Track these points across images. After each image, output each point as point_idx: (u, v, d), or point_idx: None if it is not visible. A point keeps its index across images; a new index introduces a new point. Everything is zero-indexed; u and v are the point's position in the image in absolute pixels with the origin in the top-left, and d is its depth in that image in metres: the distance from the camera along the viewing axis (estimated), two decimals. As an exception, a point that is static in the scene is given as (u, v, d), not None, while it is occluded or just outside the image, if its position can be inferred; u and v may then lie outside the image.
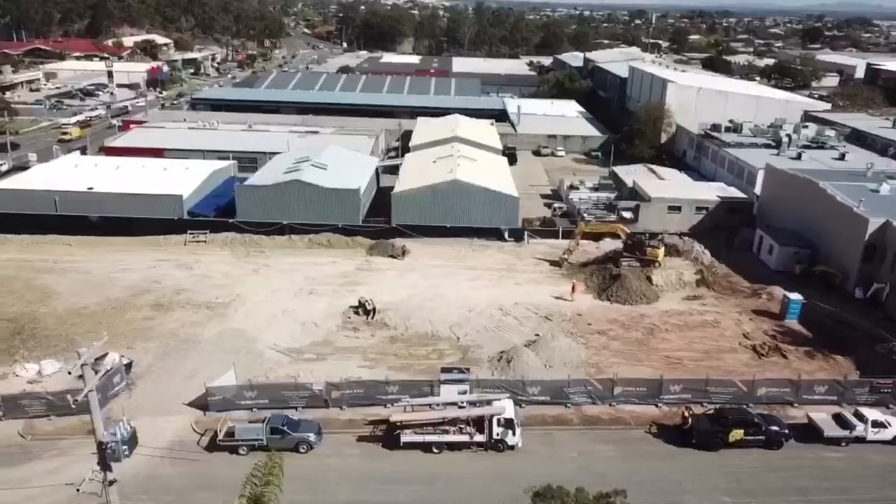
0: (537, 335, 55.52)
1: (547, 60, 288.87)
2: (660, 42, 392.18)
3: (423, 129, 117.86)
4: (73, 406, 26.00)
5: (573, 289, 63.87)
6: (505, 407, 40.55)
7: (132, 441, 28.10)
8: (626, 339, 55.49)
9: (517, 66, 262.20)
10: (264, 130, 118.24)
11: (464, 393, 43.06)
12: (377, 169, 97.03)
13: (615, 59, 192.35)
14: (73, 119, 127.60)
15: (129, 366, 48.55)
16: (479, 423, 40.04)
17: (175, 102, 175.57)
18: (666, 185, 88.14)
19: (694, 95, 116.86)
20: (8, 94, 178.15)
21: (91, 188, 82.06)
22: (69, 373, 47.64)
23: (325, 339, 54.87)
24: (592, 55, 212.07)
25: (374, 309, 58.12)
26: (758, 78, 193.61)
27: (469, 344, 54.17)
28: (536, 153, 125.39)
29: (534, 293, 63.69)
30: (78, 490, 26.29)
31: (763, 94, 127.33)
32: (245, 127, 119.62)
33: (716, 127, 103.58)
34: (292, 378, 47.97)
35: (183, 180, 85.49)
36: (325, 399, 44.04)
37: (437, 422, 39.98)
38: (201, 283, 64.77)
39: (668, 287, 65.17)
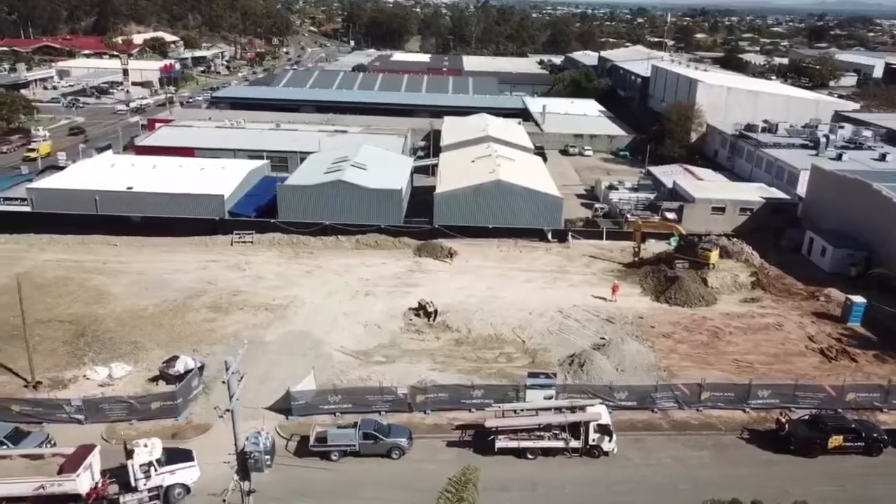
0: (602, 338, 55.24)
1: (556, 59, 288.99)
2: (666, 41, 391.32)
3: (453, 128, 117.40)
4: (221, 416, 25.39)
5: (614, 289, 63.56)
6: (601, 413, 40.21)
7: (273, 450, 27.67)
8: (692, 343, 55.18)
9: (528, 65, 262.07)
10: (292, 129, 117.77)
11: (549, 398, 42.71)
12: (412, 169, 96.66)
13: (632, 58, 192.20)
14: (43, 133, 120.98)
15: (201, 369, 48.13)
16: (574, 429, 39.68)
17: (191, 100, 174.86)
18: (707, 185, 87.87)
19: (724, 95, 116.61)
20: (23, 91, 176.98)
21: (131, 188, 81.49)
22: (160, 378, 47.26)
23: (391, 341, 54.45)
24: (607, 54, 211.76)
25: (435, 311, 57.79)
26: (773, 77, 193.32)
27: (535, 347, 53.81)
28: (564, 152, 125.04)
29: (590, 295, 63.31)
30: (224, 501, 25.86)
31: (793, 94, 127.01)
32: (273, 126, 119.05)
33: (750, 127, 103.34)
34: (365, 381, 47.65)
35: (222, 180, 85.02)
36: (408, 403, 43.63)
37: (533, 427, 39.58)
38: (255, 284, 64.30)
39: (723, 289, 64.90)
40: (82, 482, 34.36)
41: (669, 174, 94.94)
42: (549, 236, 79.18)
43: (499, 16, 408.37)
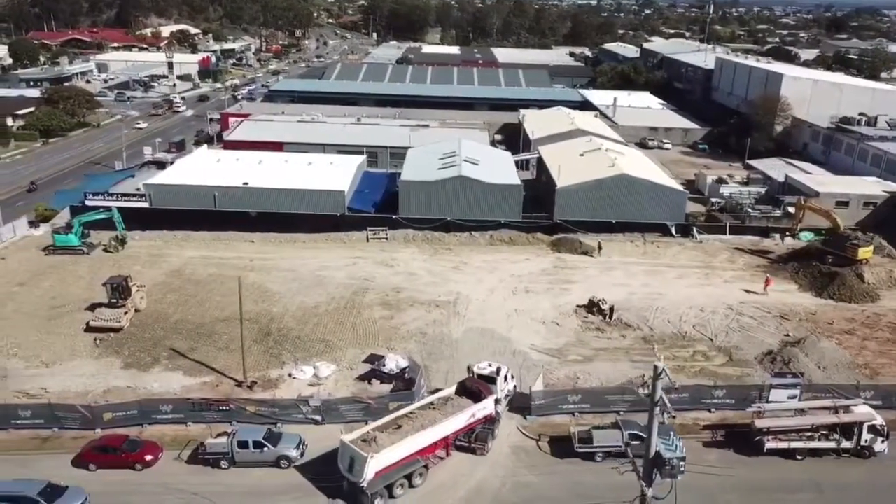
0: (787, 335, 54.83)
1: (578, 50, 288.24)
2: (684, 32, 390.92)
3: (536, 121, 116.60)
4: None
5: (766, 283, 63.21)
6: (873, 413, 39.80)
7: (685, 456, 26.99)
8: (878, 339, 54.77)
9: (557, 57, 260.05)
10: (374, 124, 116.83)
11: (794, 398, 42.28)
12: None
13: (680, 51, 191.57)
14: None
15: (406, 369, 47.54)
16: (846, 430, 39.27)
17: (239, 94, 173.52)
18: (824, 179, 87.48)
19: (809, 88, 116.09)
20: (66, 85, 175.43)
21: (246, 183, 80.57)
22: (371, 377, 46.70)
23: (577, 339, 53.95)
24: (652, 46, 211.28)
25: (611, 309, 57.26)
26: (820, 69, 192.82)
27: (726, 345, 53.34)
28: (641, 145, 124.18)
29: (741, 290, 63.03)
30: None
31: (877, 86, 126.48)
32: (353, 120, 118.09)
33: (847, 120, 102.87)
34: (574, 381, 47.26)
35: (336, 176, 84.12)
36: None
37: (804, 428, 39.16)
38: (412, 281, 63.70)
39: (879, 284, 64.51)
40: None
41: (773, 168, 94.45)
42: (674, 231, 78.63)
43: (515, 7, 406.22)
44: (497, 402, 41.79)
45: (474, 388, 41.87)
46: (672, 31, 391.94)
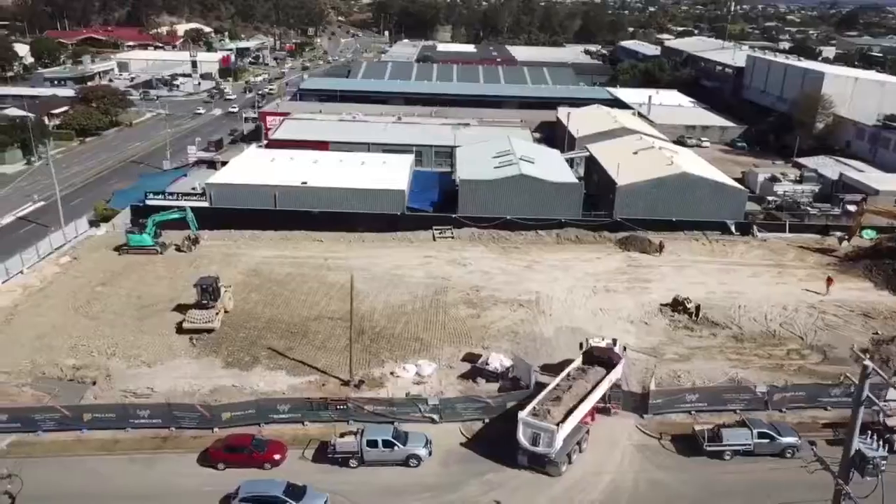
0: (876, 333, 54.97)
1: (593, 47, 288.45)
2: (692, 30, 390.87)
3: (576, 119, 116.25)
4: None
5: (829, 282, 63.27)
6: None
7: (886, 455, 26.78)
8: (977, 338, 54.80)
9: (573, 55, 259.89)
10: (415, 123, 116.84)
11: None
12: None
13: (705, 48, 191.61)
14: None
15: (510, 368, 47.64)
16: None
17: (270, 91, 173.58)
18: (878, 176, 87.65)
19: (851, 86, 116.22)
20: (99, 84, 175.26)
21: (305, 183, 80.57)
22: (476, 376, 46.76)
23: (669, 338, 54.05)
24: (675, 44, 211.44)
25: (697, 308, 57.35)
26: (842, 65, 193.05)
27: (818, 343, 53.43)
28: (680, 143, 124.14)
29: (803, 289, 63.18)
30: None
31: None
32: (394, 119, 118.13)
33: (894, 117, 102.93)
34: (676, 380, 47.41)
35: (393, 175, 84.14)
36: (765, 401, 43.27)
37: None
38: (488, 279, 63.76)
39: (953, 281, 64.64)
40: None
41: (823, 166, 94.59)
42: (733, 229, 78.75)
43: (523, 5, 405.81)
44: None
45: (603, 356, 45.10)
46: (680, 29, 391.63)
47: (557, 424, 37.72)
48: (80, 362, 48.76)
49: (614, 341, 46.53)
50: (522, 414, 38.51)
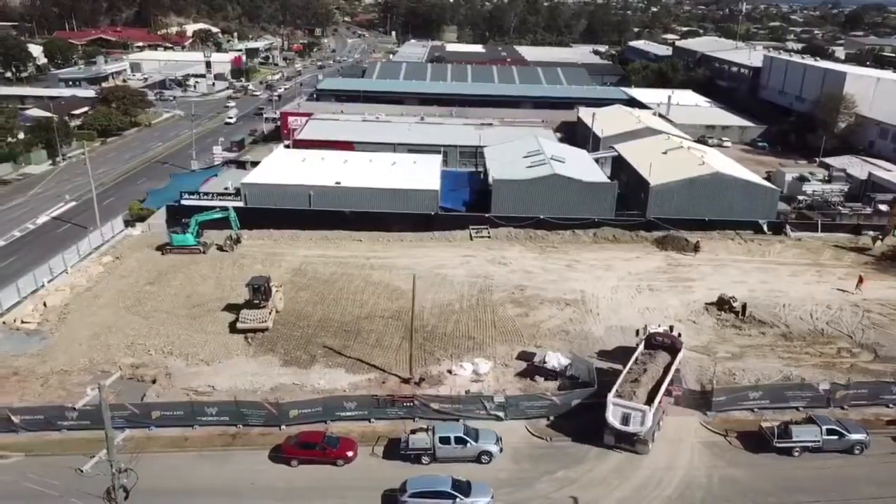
0: (923, 331, 55.34)
1: (602, 48, 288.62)
2: (699, 30, 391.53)
3: (600, 119, 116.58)
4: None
5: (860, 281, 63.52)
6: None
7: None
8: None
9: (582, 55, 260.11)
10: (438, 123, 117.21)
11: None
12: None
13: (717, 49, 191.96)
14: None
15: (567, 367, 47.98)
16: None
17: (284, 90, 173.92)
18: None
19: (872, 86, 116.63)
20: (104, 84, 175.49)
21: (339, 183, 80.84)
22: (534, 374, 47.09)
23: (719, 336, 54.41)
24: (686, 44, 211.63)
25: (743, 306, 57.72)
26: (854, 64, 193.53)
27: (867, 342, 53.78)
28: (701, 143, 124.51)
29: (871, 289, 63.33)
30: None
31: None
32: (417, 119, 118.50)
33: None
34: (731, 378, 47.77)
35: (425, 175, 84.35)
36: (827, 398, 43.64)
37: None
38: (531, 278, 64.11)
39: None
40: None
41: (849, 165, 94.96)
42: (765, 228, 79.09)
43: (528, 5, 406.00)
44: None
45: (666, 341, 47.06)
46: (685, 29, 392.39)
47: (651, 406, 39.34)
48: (138, 361, 49.05)
49: (671, 328, 48.54)
50: (611, 396, 40.20)
